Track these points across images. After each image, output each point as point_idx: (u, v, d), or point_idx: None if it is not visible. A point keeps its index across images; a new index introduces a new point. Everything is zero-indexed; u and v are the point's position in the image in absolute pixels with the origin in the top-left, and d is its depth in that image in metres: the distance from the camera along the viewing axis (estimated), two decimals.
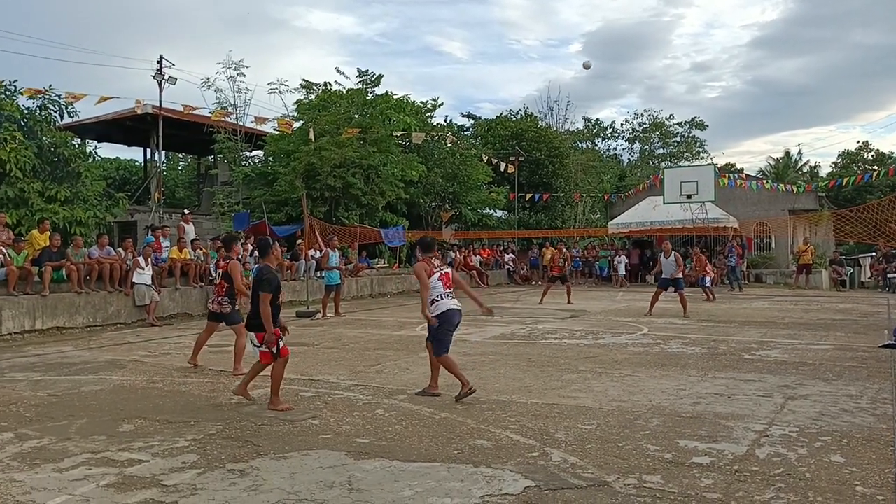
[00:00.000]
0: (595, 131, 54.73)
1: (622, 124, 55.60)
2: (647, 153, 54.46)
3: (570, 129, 48.22)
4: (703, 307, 16.34)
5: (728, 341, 10.65)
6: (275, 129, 25.39)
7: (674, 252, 15.41)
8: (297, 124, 25.58)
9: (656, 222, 27.30)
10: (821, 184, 36.97)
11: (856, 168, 51.79)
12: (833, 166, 56.65)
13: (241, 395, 6.63)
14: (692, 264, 19.90)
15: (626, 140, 55.14)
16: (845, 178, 33.39)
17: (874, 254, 26.25)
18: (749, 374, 7.89)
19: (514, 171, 32.10)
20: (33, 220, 14.63)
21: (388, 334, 12.00)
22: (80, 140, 19.11)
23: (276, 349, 6.31)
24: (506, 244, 32.05)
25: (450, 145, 29.05)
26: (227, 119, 25.23)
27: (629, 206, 30.52)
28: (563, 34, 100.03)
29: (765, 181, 31.99)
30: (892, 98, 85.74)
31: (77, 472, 4.57)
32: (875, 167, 46.66)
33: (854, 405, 6.31)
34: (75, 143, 17.21)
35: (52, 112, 16.45)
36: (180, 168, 43.27)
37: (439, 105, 31.55)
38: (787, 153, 54.49)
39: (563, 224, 34.67)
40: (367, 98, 28.04)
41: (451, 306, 6.66)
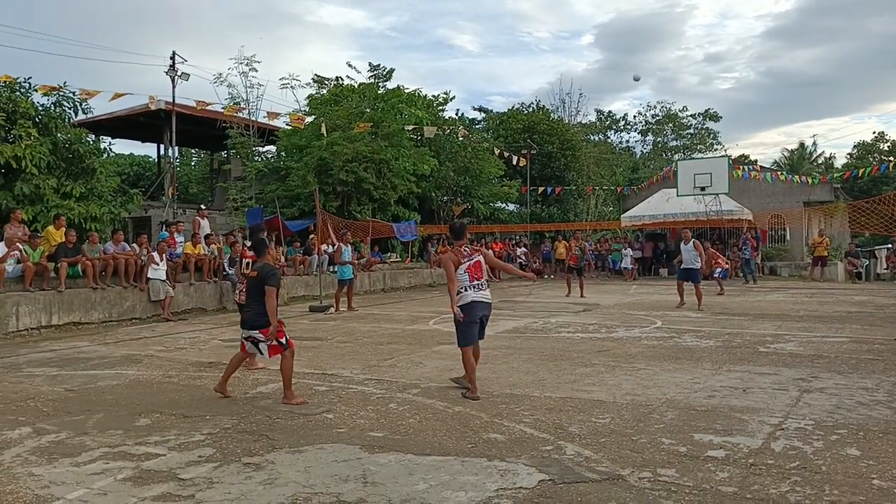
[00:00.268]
0: (607, 124, 54.51)
1: (635, 116, 55.46)
2: (660, 145, 54.20)
3: (583, 122, 48.07)
4: (717, 300, 16.25)
5: (743, 334, 10.58)
6: (287, 125, 25.51)
7: (693, 239, 15.32)
8: (309, 119, 25.68)
9: (670, 215, 27.12)
10: (836, 175, 36.69)
11: (871, 159, 51.08)
12: (848, 157, 55.98)
13: (220, 392, 6.62)
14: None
15: (638, 132, 54.97)
16: (861, 170, 33.02)
17: (890, 245, 25.98)
18: (764, 367, 7.84)
19: (526, 165, 32.04)
20: (49, 217, 14.74)
21: (400, 328, 12.02)
22: (94, 136, 19.25)
23: (284, 339, 6.41)
24: (518, 238, 32.00)
25: (461, 139, 29.00)
26: (240, 114, 25.30)
27: (642, 199, 30.39)
28: (575, 26, 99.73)
29: (779, 173, 31.71)
30: None
31: (94, 466, 4.62)
32: (891, 158, 46.12)
33: (870, 398, 6.26)
34: (90, 139, 17.29)
35: (66, 109, 16.52)
36: (193, 164, 43.53)
37: (451, 99, 31.52)
38: (802, 144, 54.23)
39: (575, 217, 34.53)
40: (379, 92, 28.05)
41: (474, 298, 6.51)
